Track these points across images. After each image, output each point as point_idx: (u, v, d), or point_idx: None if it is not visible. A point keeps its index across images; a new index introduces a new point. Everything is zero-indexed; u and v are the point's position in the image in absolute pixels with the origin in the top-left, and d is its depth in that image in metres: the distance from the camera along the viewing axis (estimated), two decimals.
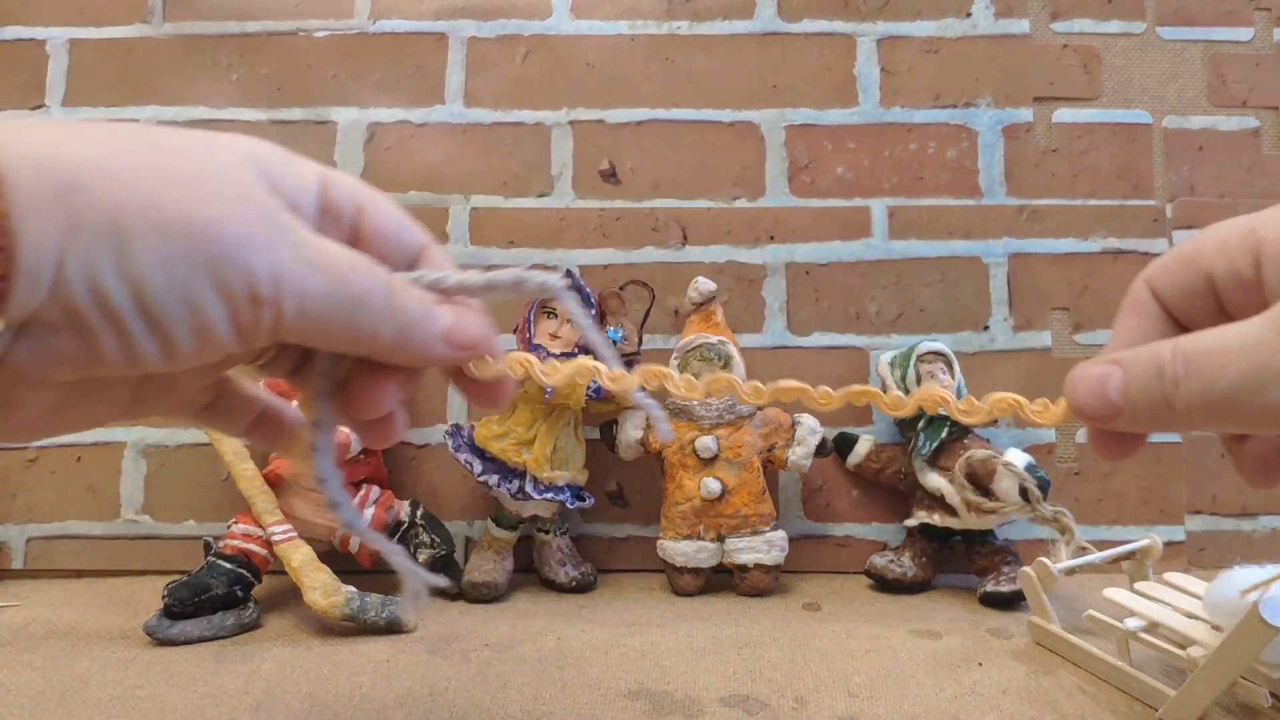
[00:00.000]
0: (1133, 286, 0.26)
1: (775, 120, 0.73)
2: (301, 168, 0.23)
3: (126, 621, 0.55)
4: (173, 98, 0.73)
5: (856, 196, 0.72)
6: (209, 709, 0.42)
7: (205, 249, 0.19)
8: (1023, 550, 0.63)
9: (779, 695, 0.44)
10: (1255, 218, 0.25)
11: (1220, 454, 0.69)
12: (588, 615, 0.57)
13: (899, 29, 0.73)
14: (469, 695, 0.44)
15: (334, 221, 0.24)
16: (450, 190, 0.72)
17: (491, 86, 0.73)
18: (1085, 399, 0.24)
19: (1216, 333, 0.22)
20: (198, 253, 0.19)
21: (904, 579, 0.62)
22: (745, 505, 0.61)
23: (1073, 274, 0.71)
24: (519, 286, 0.26)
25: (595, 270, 0.71)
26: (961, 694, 0.44)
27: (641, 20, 0.74)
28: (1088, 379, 0.24)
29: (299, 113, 0.73)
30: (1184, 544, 0.68)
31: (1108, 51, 0.73)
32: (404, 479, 0.68)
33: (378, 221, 0.25)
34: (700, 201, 0.72)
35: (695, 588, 0.62)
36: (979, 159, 0.72)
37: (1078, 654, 0.48)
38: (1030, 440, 0.69)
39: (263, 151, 0.22)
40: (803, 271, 0.71)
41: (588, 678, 0.46)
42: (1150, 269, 0.26)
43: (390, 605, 0.53)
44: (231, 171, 0.21)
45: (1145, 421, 0.24)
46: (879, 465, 0.67)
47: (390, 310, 0.23)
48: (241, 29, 0.74)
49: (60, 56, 0.73)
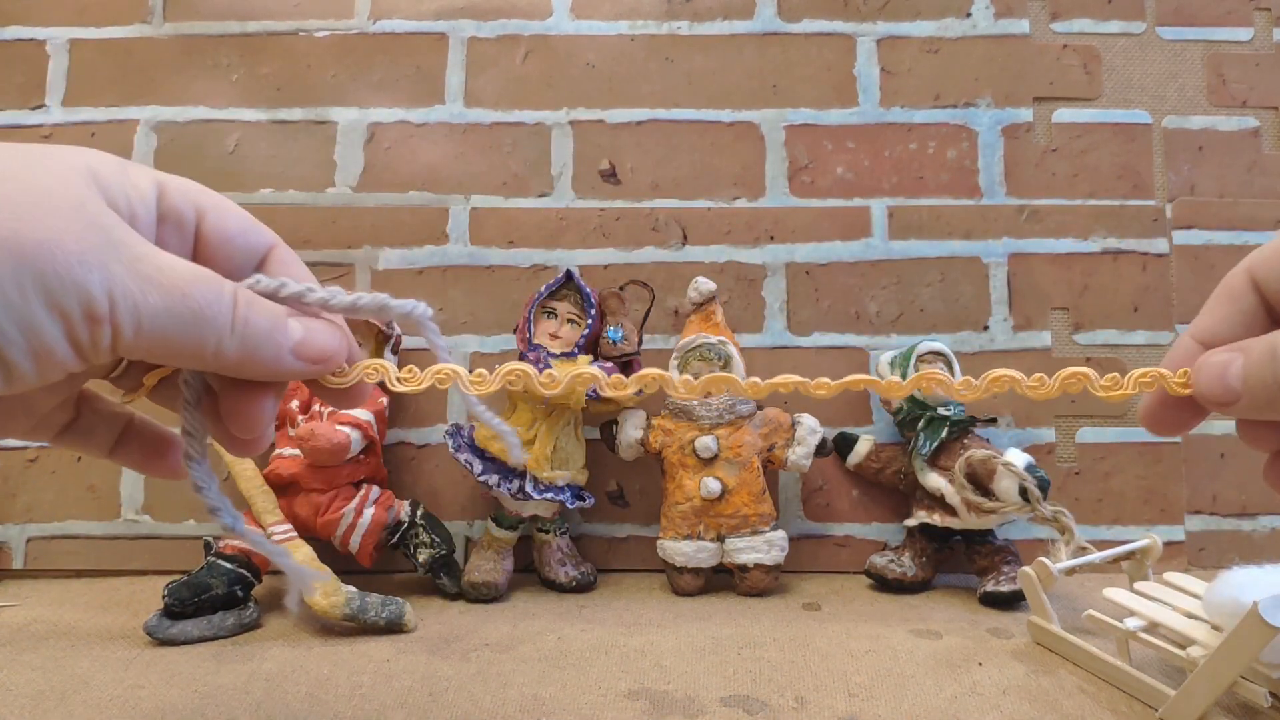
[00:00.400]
0: (1231, 274, 0.26)
1: (775, 120, 0.73)
2: (137, 177, 0.23)
3: (126, 621, 0.55)
4: (173, 98, 0.73)
5: (856, 196, 0.72)
6: (209, 709, 0.42)
7: (37, 269, 0.19)
8: (1023, 550, 0.63)
9: (779, 695, 0.44)
10: None
11: (1220, 454, 0.69)
12: (588, 615, 0.57)
13: (899, 29, 0.73)
14: (469, 695, 0.44)
15: (175, 228, 0.23)
16: (450, 190, 0.72)
17: (491, 86, 0.73)
18: (1207, 384, 0.25)
19: None
20: (29, 273, 0.19)
21: (904, 579, 0.62)
22: (745, 505, 0.61)
23: (1072, 274, 0.71)
24: (383, 311, 0.26)
25: (595, 270, 0.71)
26: (961, 694, 0.44)
27: (641, 20, 0.74)
28: (1211, 365, 0.25)
29: (299, 113, 0.73)
30: (1184, 544, 0.68)
31: (1108, 51, 0.73)
32: (404, 479, 0.68)
33: (220, 225, 0.24)
34: (700, 201, 0.72)
35: (695, 588, 0.62)
36: (979, 159, 0.72)
37: (1078, 654, 0.48)
38: (1030, 440, 0.69)
39: (95, 163, 0.22)
40: (803, 271, 0.71)
41: (588, 678, 0.46)
42: (1254, 258, 0.26)
43: (390, 605, 0.53)
44: (64, 188, 0.20)
45: (1262, 407, 0.24)
46: (879, 465, 0.67)
47: (236, 324, 0.22)
48: (241, 29, 0.74)
49: (60, 56, 0.73)
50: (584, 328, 0.63)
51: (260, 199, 0.72)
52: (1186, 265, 0.71)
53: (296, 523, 0.58)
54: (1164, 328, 0.70)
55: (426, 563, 0.60)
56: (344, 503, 0.59)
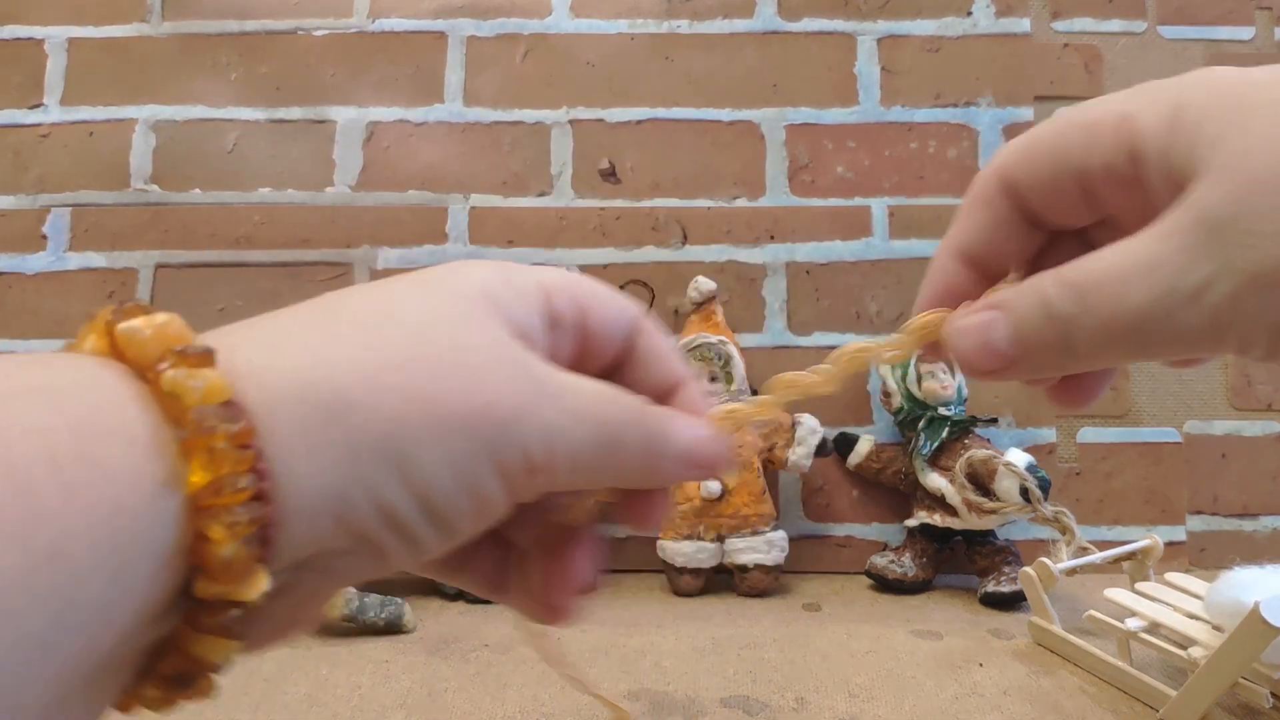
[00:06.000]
0: (980, 177, 0.23)
1: (775, 120, 0.73)
2: (525, 287, 0.21)
3: None
4: (171, 97, 0.73)
5: (857, 196, 0.72)
6: (209, 709, 0.42)
7: (484, 435, 0.18)
8: (1023, 550, 0.63)
9: (779, 695, 0.44)
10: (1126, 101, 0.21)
11: (1222, 454, 0.69)
12: (588, 615, 0.57)
13: (899, 28, 0.73)
14: (468, 696, 0.44)
15: (563, 332, 0.22)
16: (450, 189, 0.72)
17: (491, 86, 0.73)
18: (973, 353, 0.22)
19: (1103, 257, 0.20)
20: (478, 441, 0.18)
21: (904, 579, 0.62)
22: (745, 505, 0.61)
23: None
24: None
25: (595, 270, 0.71)
26: (962, 694, 0.44)
27: (641, 19, 0.74)
28: (968, 330, 0.22)
29: (298, 112, 0.73)
30: (1185, 544, 0.68)
31: (1109, 50, 0.73)
32: None
33: (603, 318, 0.23)
34: (700, 201, 0.72)
35: (695, 588, 0.62)
36: (980, 158, 0.72)
37: (1079, 654, 0.48)
38: (1031, 440, 0.69)
39: (490, 284, 0.20)
40: (803, 271, 0.71)
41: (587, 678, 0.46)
42: (1003, 159, 0.23)
43: (390, 605, 0.53)
44: (482, 333, 0.19)
45: (1046, 366, 0.21)
46: (879, 465, 0.67)
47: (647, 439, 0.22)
48: (240, 28, 0.73)
49: (59, 56, 0.73)
50: None
51: (259, 198, 0.72)
52: None
53: None
54: None
55: None
56: None
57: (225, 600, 0.15)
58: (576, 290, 0.22)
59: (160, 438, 0.14)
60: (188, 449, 0.15)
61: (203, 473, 0.15)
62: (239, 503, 0.15)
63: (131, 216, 0.72)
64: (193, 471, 0.15)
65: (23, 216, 0.71)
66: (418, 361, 0.18)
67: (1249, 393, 0.70)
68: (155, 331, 0.15)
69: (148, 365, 0.15)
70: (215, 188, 0.72)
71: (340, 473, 0.16)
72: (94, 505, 0.13)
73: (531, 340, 0.21)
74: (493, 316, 0.20)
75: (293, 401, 0.16)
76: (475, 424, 0.18)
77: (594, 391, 0.21)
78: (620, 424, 0.21)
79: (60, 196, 0.72)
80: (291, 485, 0.16)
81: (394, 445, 0.17)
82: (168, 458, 0.14)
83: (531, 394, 0.19)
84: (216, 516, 0.15)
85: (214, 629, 0.15)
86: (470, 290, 0.20)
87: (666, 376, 0.24)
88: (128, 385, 0.15)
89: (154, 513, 0.14)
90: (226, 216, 0.72)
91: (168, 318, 0.16)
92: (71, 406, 0.14)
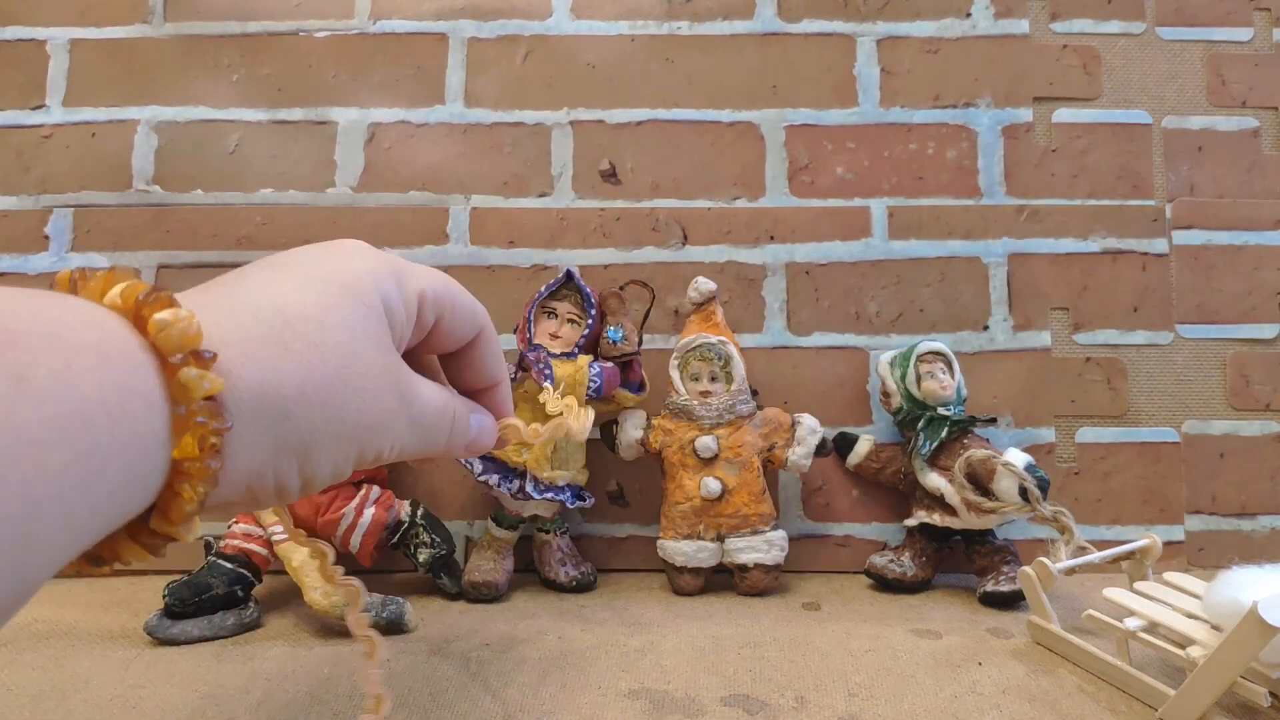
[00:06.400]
0: None
1: (775, 120, 0.73)
2: (408, 296, 0.28)
3: (127, 621, 0.55)
4: (173, 98, 0.73)
5: (856, 196, 0.72)
6: (209, 709, 0.42)
7: (361, 443, 0.26)
8: (1022, 550, 0.63)
9: (779, 695, 0.44)
10: None
11: (1220, 454, 0.69)
12: (588, 615, 0.57)
13: (899, 29, 0.73)
14: (469, 695, 0.44)
15: (419, 329, 0.29)
16: (450, 190, 0.72)
17: (492, 87, 0.73)
18: None
19: None
20: (354, 446, 0.25)
21: (904, 579, 0.62)
22: (745, 505, 0.61)
23: (1072, 274, 0.71)
24: None
25: (595, 270, 0.71)
26: (961, 693, 0.44)
27: (641, 20, 0.74)
28: None
29: (299, 113, 0.73)
30: (1183, 544, 0.68)
31: (1107, 52, 0.73)
32: (404, 479, 0.68)
33: (451, 323, 0.30)
34: (700, 201, 0.72)
35: (695, 588, 0.62)
36: (979, 159, 0.72)
37: (1077, 654, 0.48)
38: (1030, 440, 0.69)
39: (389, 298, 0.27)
40: (803, 271, 0.71)
41: (588, 678, 0.46)
42: None
43: (391, 605, 0.53)
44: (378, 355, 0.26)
45: None
46: (879, 465, 0.67)
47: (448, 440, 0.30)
48: (242, 29, 0.74)
49: (61, 57, 0.73)
50: (584, 328, 0.63)
51: (261, 199, 0.72)
52: (1186, 265, 0.71)
53: (297, 522, 0.58)
54: (1164, 327, 0.70)
55: (427, 563, 0.60)
56: (344, 502, 0.59)
57: (166, 535, 0.21)
58: (444, 297, 0.30)
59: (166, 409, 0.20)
60: (180, 424, 0.20)
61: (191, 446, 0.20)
62: (203, 477, 0.21)
63: (134, 217, 0.72)
64: (182, 441, 0.20)
65: (25, 217, 0.71)
66: (338, 382, 0.24)
67: (1247, 393, 0.70)
68: (180, 328, 0.20)
69: (168, 353, 0.20)
70: (217, 188, 0.72)
71: (262, 461, 0.23)
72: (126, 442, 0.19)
73: (402, 344, 0.28)
74: (387, 334, 0.27)
75: (251, 403, 0.22)
76: (356, 435, 0.25)
77: (431, 401, 0.29)
78: (439, 430, 0.30)
79: (62, 197, 0.72)
80: (230, 465, 0.22)
81: (304, 447, 0.24)
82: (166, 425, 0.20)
83: (395, 409, 0.27)
84: (189, 479, 0.20)
85: (147, 546, 0.22)
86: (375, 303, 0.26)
87: (491, 375, 0.33)
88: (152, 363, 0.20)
89: (153, 459, 0.20)
90: (228, 217, 0.72)
91: (188, 316, 0.20)
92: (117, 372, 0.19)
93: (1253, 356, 0.70)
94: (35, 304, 0.18)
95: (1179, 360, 0.70)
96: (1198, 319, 0.71)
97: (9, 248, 0.71)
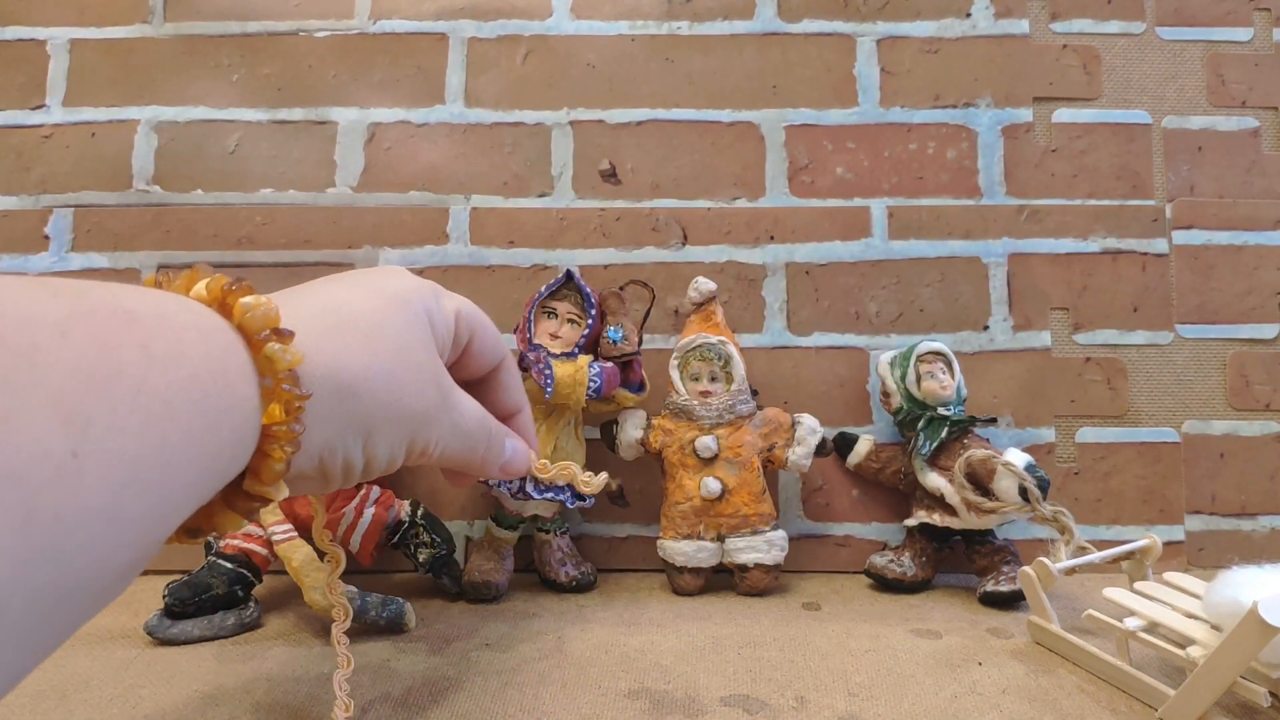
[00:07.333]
0: None
1: (775, 120, 0.73)
2: (446, 312, 0.32)
3: (127, 621, 0.55)
4: (173, 98, 0.73)
5: (856, 196, 0.72)
6: (209, 709, 0.42)
7: (412, 431, 0.29)
8: (1022, 550, 0.63)
9: (779, 695, 0.44)
10: None
11: (1220, 454, 0.69)
12: (588, 615, 0.57)
13: (899, 29, 0.74)
14: (469, 695, 0.44)
15: (456, 347, 0.33)
16: (450, 190, 0.72)
17: (492, 87, 0.73)
18: None
19: None
20: (408, 434, 0.29)
21: (904, 579, 0.62)
22: (745, 505, 0.61)
23: (1072, 274, 0.71)
24: None
25: (595, 270, 0.71)
26: (961, 693, 0.44)
27: (641, 20, 0.74)
28: None
29: (299, 113, 0.73)
30: (1183, 544, 0.68)
31: (1107, 52, 0.73)
32: (404, 479, 0.68)
33: (481, 345, 0.34)
34: (700, 201, 0.72)
35: (695, 588, 0.62)
36: (979, 159, 0.72)
37: (1077, 653, 0.48)
38: (1030, 440, 0.69)
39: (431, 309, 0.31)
40: (803, 271, 0.71)
41: (588, 678, 0.46)
42: None
43: (390, 605, 0.53)
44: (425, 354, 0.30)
45: None
46: (879, 465, 0.67)
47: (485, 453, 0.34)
48: (242, 29, 0.74)
49: (61, 56, 0.73)
50: (584, 328, 0.63)
51: (261, 199, 0.72)
52: (1186, 265, 0.71)
53: (296, 522, 0.58)
54: (1164, 328, 0.70)
55: (427, 562, 0.60)
56: (344, 502, 0.59)
57: (260, 495, 0.24)
58: (473, 321, 0.34)
59: (256, 380, 0.23)
60: (268, 394, 0.23)
61: (278, 412, 0.23)
62: (289, 440, 0.23)
63: (134, 217, 0.72)
64: (270, 410, 0.23)
65: (25, 217, 0.71)
66: (394, 371, 0.28)
67: (1247, 393, 0.70)
68: (262, 310, 0.23)
69: (254, 332, 0.23)
70: (217, 188, 0.72)
71: (333, 434, 0.26)
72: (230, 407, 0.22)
73: (444, 355, 0.32)
74: (431, 340, 0.30)
75: (324, 380, 0.25)
76: (410, 421, 0.29)
77: (472, 414, 0.33)
78: (478, 440, 0.33)
79: (62, 197, 0.72)
80: (306, 437, 0.25)
81: (367, 426, 0.27)
82: (257, 394, 0.23)
83: (439, 405, 0.30)
84: (278, 441, 0.23)
85: (242, 511, 0.24)
86: (421, 312, 0.30)
87: (515, 401, 0.38)
88: (240, 342, 0.23)
89: (250, 424, 0.23)
90: (228, 217, 0.72)
91: (268, 301, 0.24)
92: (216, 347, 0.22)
93: (1253, 356, 0.70)
94: (142, 293, 0.21)
95: (1179, 360, 0.70)
96: (1198, 319, 0.71)
97: (9, 248, 0.71)
